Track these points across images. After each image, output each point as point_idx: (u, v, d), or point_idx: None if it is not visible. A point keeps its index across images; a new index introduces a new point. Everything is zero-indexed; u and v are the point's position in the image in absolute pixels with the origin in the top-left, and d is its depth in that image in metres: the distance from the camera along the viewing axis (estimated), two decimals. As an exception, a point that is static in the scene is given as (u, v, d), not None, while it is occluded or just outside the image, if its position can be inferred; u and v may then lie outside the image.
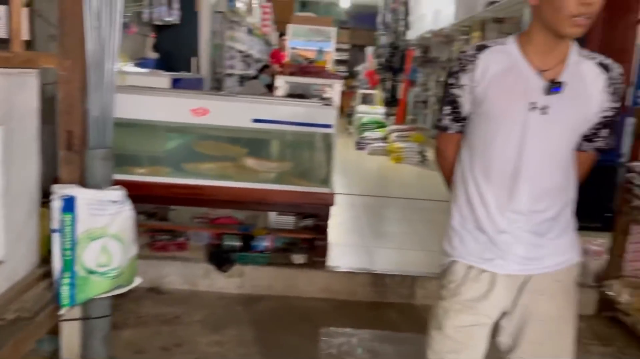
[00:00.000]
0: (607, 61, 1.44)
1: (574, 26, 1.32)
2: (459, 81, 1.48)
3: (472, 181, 1.49)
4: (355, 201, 5.08)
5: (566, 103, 1.39)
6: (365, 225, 4.40)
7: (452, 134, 1.56)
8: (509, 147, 1.42)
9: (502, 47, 1.45)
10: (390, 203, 5.28)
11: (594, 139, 1.51)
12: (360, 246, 3.78)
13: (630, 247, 2.94)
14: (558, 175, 1.45)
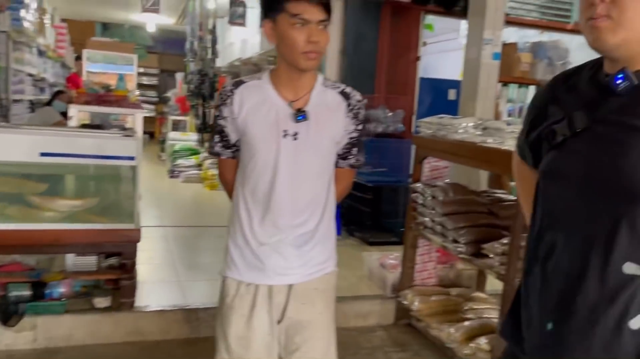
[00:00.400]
0: (347, 90, 1.67)
1: (307, 60, 1.51)
2: (222, 113, 1.63)
3: (242, 201, 1.64)
4: (167, 233, 4.88)
5: (313, 129, 1.58)
6: (178, 258, 4.24)
7: (226, 159, 1.71)
8: (267, 169, 1.58)
9: (257, 82, 1.62)
10: (205, 233, 5.18)
11: (347, 157, 1.72)
12: (172, 282, 3.63)
13: (419, 259, 3.29)
14: (313, 192, 1.63)
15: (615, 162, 0.94)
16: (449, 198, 2.85)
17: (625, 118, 0.94)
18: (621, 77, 0.95)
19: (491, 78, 3.67)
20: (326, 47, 1.54)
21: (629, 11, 0.92)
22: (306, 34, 1.48)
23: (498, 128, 2.65)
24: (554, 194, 1.07)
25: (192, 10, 8.80)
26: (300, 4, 1.48)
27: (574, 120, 1.01)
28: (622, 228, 0.92)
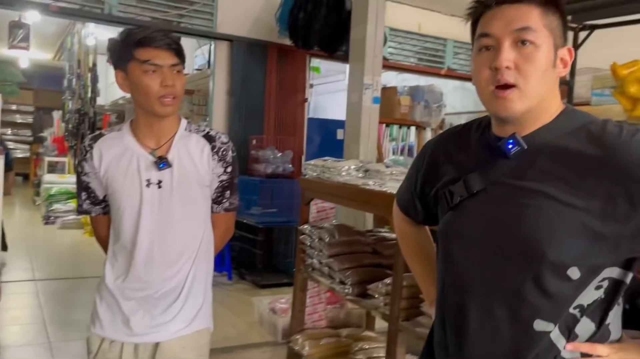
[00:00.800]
0: (212, 132, 1.65)
1: (163, 105, 1.49)
2: (83, 169, 1.58)
3: (111, 254, 1.59)
4: (39, 287, 4.45)
5: (177, 176, 1.55)
6: (49, 315, 3.86)
7: (97, 216, 1.64)
8: (132, 221, 1.53)
9: (116, 134, 1.58)
10: (82, 285, 4.78)
11: (221, 201, 1.68)
12: (41, 344, 3.28)
13: (309, 301, 3.26)
14: (183, 242, 1.57)
15: (513, 223, 0.97)
16: (334, 240, 2.87)
17: (518, 181, 0.98)
18: (512, 142, 0.98)
19: (372, 121, 3.82)
20: (182, 90, 1.52)
21: (533, 80, 0.96)
22: (159, 79, 1.46)
23: (378, 171, 2.73)
24: (457, 256, 1.07)
25: (70, 46, 8.35)
26: (149, 50, 1.46)
27: (470, 182, 1.04)
28: (529, 287, 0.95)
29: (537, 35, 0.95)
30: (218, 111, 5.48)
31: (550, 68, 0.97)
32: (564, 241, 0.92)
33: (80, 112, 7.62)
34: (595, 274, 0.94)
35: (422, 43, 6.51)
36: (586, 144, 0.94)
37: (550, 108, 1.00)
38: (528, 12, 0.96)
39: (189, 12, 5.19)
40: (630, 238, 0.90)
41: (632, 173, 0.89)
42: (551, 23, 0.97)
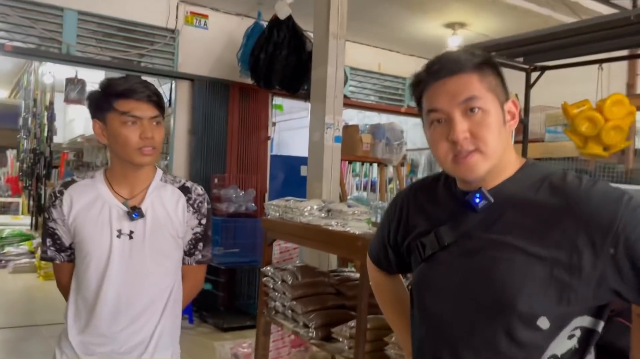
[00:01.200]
0: (188, 184, 1.63)
1: (142, 156, 1.49)
2: (51, 215, 1.55)
3: (73, 305, 1.55)
4: (-14, 337, 4.20)
5: (150, 227, 1.52)
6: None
7: (61, 264, 1.60)
8: (98, 271, 1.50)
9: (90, 181, 1.57)
10: (35, 334, 4.55)
11: (194, 253, 1.65)
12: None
13: (272, 345, 3.18)
14: (151, 295, 1.54)
15: (484, 276, 0.99)
16: (297, 282, 2.83)
17: (487, 234, 1.01)
18: (479, 197, 1.01)
19: (334, 160, 3.84)
20: (161, 141, 1.52)
21: (491, 141, 1.00)
22: (139, 130, 1.46)
23: (340, 211, 2.73)
24: (431, 308, 1.09)
25: (27, 84, 8.19)
26: (129, 102, 1.45)
27: (441, 234, 1.06)
28: (501, 338, 0.97)
29: (483, 101, 1.00)
30: (179, 150, 5.42)
31: (502, 126, 1.02)
32: (533, 292, 0.93)
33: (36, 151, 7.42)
34: (564, 323, 0.96)
35: (382, 82, 6.66)
36: (549, 195, 0.97)
37: (509, 162, 1.04)
38: (469, 81, 1.00)
39: (149, 51, 5.18)
40: (596, 286, 0.92)
41: (593, 221, 0.91)
42: (490, 83, 1.01)
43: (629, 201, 0.92)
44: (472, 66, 1.02)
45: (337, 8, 3.85)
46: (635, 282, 0.91)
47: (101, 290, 1.49)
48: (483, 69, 1.02)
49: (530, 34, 3.61)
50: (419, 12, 5.28)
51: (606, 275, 0.91)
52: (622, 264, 0.90)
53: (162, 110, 1.52)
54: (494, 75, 1.03)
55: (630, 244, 0.90)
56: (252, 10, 5.33)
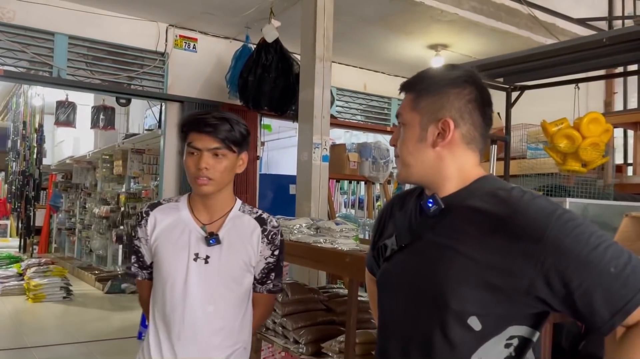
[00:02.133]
0: (264, 216, 1.72)
1: (198, 185, 1.57)
2: (137, 234, 1.66)
3: (153, 324, 1.62)
4: (-25, 361, 4.18)
5: (225, 253, 1.60)
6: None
7: (142, 281, 1.70)
8: (176, 292, 1.57)
9: (174, 204, 1.66)
10: (26, 355, 4.54)
11: (265, 282, 1.74)
12: None
13: (263, 362, 3.22)
14: (224, 318, 1.61)
15: (428, 274, 1.07)
16: (287, 299, 2.89)
17: (434, 237, 1.09)
18: (431, 202, 1.10)
19: (322, 179, 3.93)
20: (221, 173, 1.58)
21: (404, 153, 1.14)
22: (197, 160, 1.55)
23: (329, 229, 2.80)
24: (385, 305, 1.19)
25: (16, 107, 8.22)
26: (193, 134, 1.57)
27: (400, 236, 1.17)
28: (437, 334, 1.04)
29: (404, 119, 1.16)
30: (169, 170, 5.48)
31: (420, 143, 1.12)
32: (466, 292, 1.01)
33: (25, 173, 7.42)
34: (497, 328, 1.02)
35: (368, 101, 6.80)
36: (492, 205, 1.04)
37: (448, 176, 1.12)
38: (404, 100, 1.17)
39: (139, 74, 5.26)
40: (525, 293, 0.98)
41: (527, 232, 0.97)
42: (419, 104, 1.13)
43: (561, 216, 0.97)
44: (409, 87, 1.16)
45: (323, 32, 3.98)
46: (562, 293, 0.95)
47: (184, 311, 1.56)
48: (411, 92, 1.15)
49: (510, 55, 3.76)
50: (402, 34, 5.44)
51: (535, 284, 0.96)
52: (550, 275, 0.95)
53: (230, 143, 1.58)
54: (429, 96, 1.12)
55: (558, 256, 0.94)
56: (240, 33, 5.45)
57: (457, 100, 1.10)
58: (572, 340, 2.55)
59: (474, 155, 1.13)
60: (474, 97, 1.11)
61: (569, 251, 0.93)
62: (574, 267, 0.93)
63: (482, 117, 1.13)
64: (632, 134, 5.05)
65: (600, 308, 0.93)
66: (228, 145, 1.58)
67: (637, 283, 0.92)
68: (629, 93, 6.05)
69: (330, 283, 3.82)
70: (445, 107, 1.10)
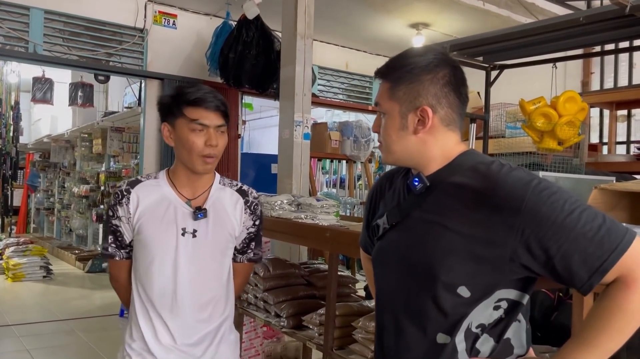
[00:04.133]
0: (244, 187, 1.75)
1: (204, 164, 1.57)
2: (116, 213, 1.62)
3: (140, 303, 1.62)
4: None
5: (212, 226, 1.62)
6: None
7: (120, 261, 1.67)
8: (166, 268, 1.58)
9: (154, 181, 1.65)
10: (8, 334, 4.53)
11: (246, 251, 1.78)
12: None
13: (245, 336, 3.27)
14: (215, 289, 1.65)
15: (419, 249, 1.12)
16: (269, 274, 2.92)
17: (422, 214, 1.14)
18: (417, 180, 1.15)
19: (304, 157, 3.95)
20: (223, 150, 1.59)
21: (387, 141, 1.18)
22: (205, 138, 1.53)
23: (310, 204, 2.84)
24: (380, 280, 1.25)
25: (-9, 84, 8.03)
26: (199, 110, 1.53)
27: (390, 215, 1.21)
28: (430, 304, 1.09)
29: (383, 108, 1.18)
30: (149, 148, 5.44)
31: (401, 130, 1.15)
32: (454, 264, 1.06)
33: (2, 152, 7.29)
34: (486, 293, 1.07)
35: (350, 80, 6.80)
36: (473, 180, 1.09)
37: (433, 157, 1.15)
38: (381, 88, 1.19)
39: (118, 51, 5.18)
40: (509, 261, 1.03)
41: (506, 203, 1.02)
42: (397, 93, 1.15)
43: (537, 185, 1.02)
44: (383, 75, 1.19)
45: (304, 8, 3.96)
46: (543, 259, 1.00)
47: (175, 286, 1.58)
48: (390, 81, 1.17)
49: (489, 34, 3.79)
50: (383, 12, 5.43)
51: (518, 252, 1.01)
52: (530, 242, 1.00)
53: (227, 119, 1.61)
54: (405, 84, 1.14)
55: (536, 224, 0.99)
56: (220, 10, 5.39)
57: (432, 86, 1.12)
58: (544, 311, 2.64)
59: (454, 134, 1.16)
60: (448, 80, 1.13)
61: (546, 219, 0.98)
62: (552, 233, 0.98)
63: (458, 97, 1.15)
64: (607, 114, 5.15)
65: (578, 269, 0.98)
66: (227, 122, 1.60)
67: (611, 243, 0.97)
68: (605, 73, 6.14)
69: (312, 259, 3.87)
70: (422, 94, 1.12)
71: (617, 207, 1.59)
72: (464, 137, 4.40)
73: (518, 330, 1.13)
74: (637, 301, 0.96)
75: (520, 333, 1.13)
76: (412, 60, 1.15)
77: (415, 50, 1.19)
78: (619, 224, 1.00)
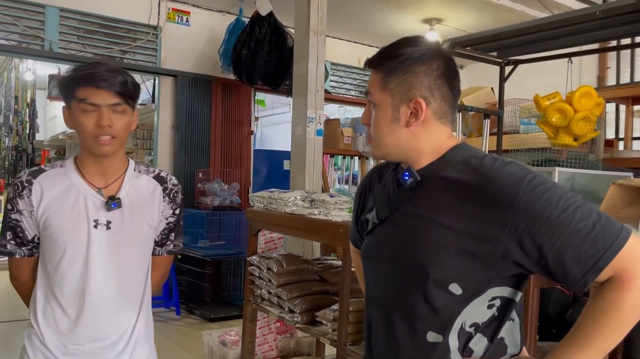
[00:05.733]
0: (163, 174, 1.62)
1: (98, 145, 1.41)
2: (17, 206, 1.46)
3: (44, 301, 1.48)
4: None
5: (127, 217, 1.49)
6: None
7: (21, 259, 1.52)
8: (77, 264, 1.44)
9: (60, 170, 1.49)
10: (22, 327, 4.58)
11: (165, 243, 1.64)
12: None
13: (259, 332, 3.29)
14: (129, 286, 1.52)
15: (408, 245, 1.09)
16: (283, 269, 2.93)
17: (412, 208, 1.11)
18: (407, 174, 1.12)
19: (317, 153, 3.95)
20: (124, 130, 1.45)
21: (377, 134, 1.15)
22: (96, 118, 1.40)
23: (323, 201, 2.84)
24: (369, 276, 1.22)
25: (7, 81, 8.13)
26: (87, 89, 1.40)
27: (379, 210, 1.18)
28: (420, 302, 1.06)
29: (374, 98, 1.15)
30: (163, 145, 5.48)
31: (393, 123, 1.12)
32: (445, 260, 1.04)
33: (18, 148, 7.39)
34: (478, 291, 1.05)
35: (362, 77, 6.78)
36: (465, 174, 1.06)
37: (424, 151, 1.13)
38: (371, 78, 1.16)
39: (132, 48, 5.22)
40: (501, 258, 1.01)
41: (498, 199, 0.99)
42: (389, 84, 1.12)
43: (531, 181, 0.99)
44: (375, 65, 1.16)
45: (317, 4, 3.95)
46: (536, 256, 0.98)
47: (85, 283, 1.45)
48: (388, 69, 1.13)
49: (503, 29, 3.76)
50: (396, 8, 5.40)
51: (510, 249, 0.99)
52: (523, 239, 0.97)
53: (127, 98, 1.44)
54: (398, 75, 1.11)
55: (530, 221, 0.96)
56: (233, 6, 5.40)
57: (426, 78, 1.10)
58: (559, 308, 2.62)
59: (446, 127, 1.14)
60: (442, 72, 1.10)
61: (540, 215, 0.96)
62: (545, 230, 0.96)
63: (452, 90, 1.12)
64: (624, 109, 5.09)
65: (572, 268, 0.96)
66: (126, 99, 1.43)
67: (606, 241, 0.95)
68: (621, 68, 6.06)
69: (325, 255, 3.88)
70: (415, 86, 1.10)
71: (635, 203, 1.57)
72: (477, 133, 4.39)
73: (511, 329, 1.10)
74: (631, 299, 0.94)
75: (514, 331, 1.11)
76: (405, 50, 1.12)
77: (408, 41, 1.15)
78: (614, 221, 0.97)
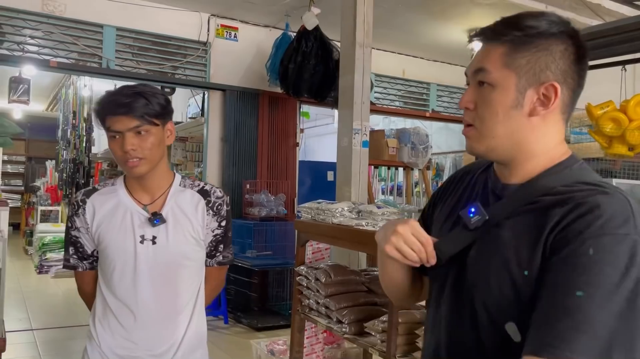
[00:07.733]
0: (207, 187, 1.66)
1: (129, 167, 1.49)
2: (74, 224, 1.58)
3: (102, 310, 1.57)
4: (37, 337, 4.45)
5: (172, 231, 1.55)
6: (48, 364, 3.87)
7: (84, 272, 1.63)
8: (126, 278, 1.53)
9: (111, 188, 1.59)
10: (79, 333, 4.78)
11: (215, 255, 1.70)
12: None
13: (306, 342, 3.32)
14: (180, 299, 1.57)
15: (482, 284, 0.93)
16: (330, 280, 2.96)
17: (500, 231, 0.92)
18: (473, 212, 0.93)
19: (362, 164, 3.98)
20: (150, 151, 1.49)
21: (488, 121, 0.93)
22: (120, 143, 1.46)
23: (371, 212, 2.86)
24: (436, 297, 1.07)
25: (65, 97, 8.54)
26: (109, 118, 1.47)
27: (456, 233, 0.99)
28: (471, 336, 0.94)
29: (493, 76, 0.92)
30: (212, 157, 5.63)
31: (512, 109, 0.92)
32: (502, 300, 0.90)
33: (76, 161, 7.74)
34: None
35: (407, 87, 6.78)
36: (570, 217, 0.84)
37: (536, 151, 0.94)
38: (487, 53, 0.94)
39: (182, 64, 5.41)
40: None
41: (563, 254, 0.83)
42: (516, 61, 0.91)
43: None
44: (495, 36, 0.94)
45: (363, 18, 4.00)
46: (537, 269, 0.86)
47: (135, 296, 1.52)
48: (516, 42, 0.91)
49: (553, 38, 3.69)
50: (441, 19, 5.39)
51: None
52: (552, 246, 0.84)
53: (151, 118, 1.48)
54: (527, 52, 0.91)
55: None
56: (280, 21, 5.52)
57: (562, 60, 0.90)
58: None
59: (563, 127, 0.94)
60: (577, 57, 0.91)
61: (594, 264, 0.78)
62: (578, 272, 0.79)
63: (581, 81, 0.94)
64: (682, 117, 4.88)
65: (551, 330, 0.78)
66: (148, 120, 1.47)
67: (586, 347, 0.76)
68: (679, 75, 5.82)
69: (371, 266, 3.88)
70: (550, 67, 0.90)
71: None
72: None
73: None
74: None
75: None
76: (539, 23, 0.91)
77: (537, 13, 0.93)
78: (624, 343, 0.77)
